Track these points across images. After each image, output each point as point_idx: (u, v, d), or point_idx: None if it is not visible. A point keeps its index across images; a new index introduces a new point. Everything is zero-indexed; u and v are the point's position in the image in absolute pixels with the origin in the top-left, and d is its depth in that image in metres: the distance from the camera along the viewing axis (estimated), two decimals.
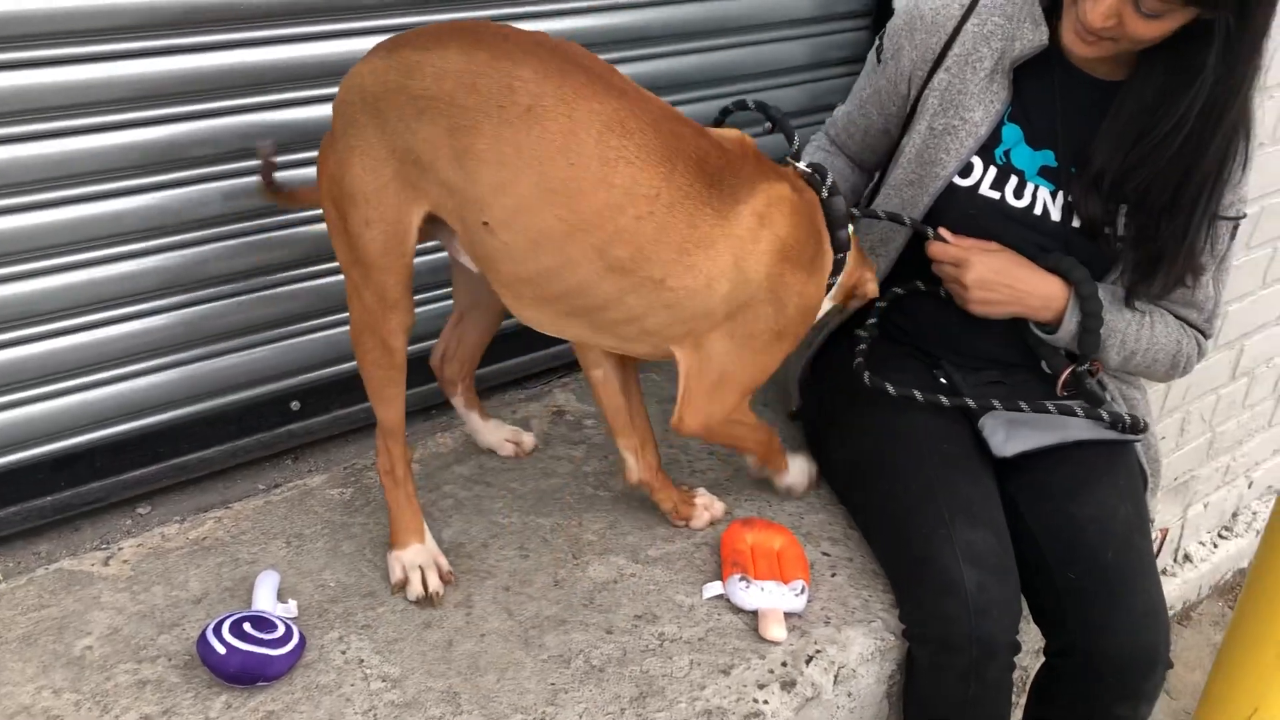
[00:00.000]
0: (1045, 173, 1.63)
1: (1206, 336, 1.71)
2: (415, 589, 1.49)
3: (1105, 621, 1.50)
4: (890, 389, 1.60)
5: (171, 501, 1.72)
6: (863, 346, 1.68)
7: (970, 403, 1.61)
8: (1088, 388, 1.63)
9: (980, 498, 1.55)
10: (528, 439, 1.84)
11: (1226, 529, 2.69)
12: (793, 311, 1.39)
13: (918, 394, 1.59)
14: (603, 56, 1.34)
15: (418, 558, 1.52)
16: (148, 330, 1.65)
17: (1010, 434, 1.61)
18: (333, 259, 1.74)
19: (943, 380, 1.71)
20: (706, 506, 1.68)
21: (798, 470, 1.74)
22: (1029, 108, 1.63)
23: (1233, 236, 1.63)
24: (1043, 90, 1.62)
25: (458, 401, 1.80)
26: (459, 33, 1.29)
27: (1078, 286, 1.59)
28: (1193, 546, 2.60)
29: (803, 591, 1.51)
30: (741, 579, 1.52)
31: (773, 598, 1.49)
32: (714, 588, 1.55)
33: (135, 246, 1.59)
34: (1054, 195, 1.62)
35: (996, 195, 1.64)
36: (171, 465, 1.74)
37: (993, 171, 1.65)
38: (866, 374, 1.63)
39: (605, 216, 1.26)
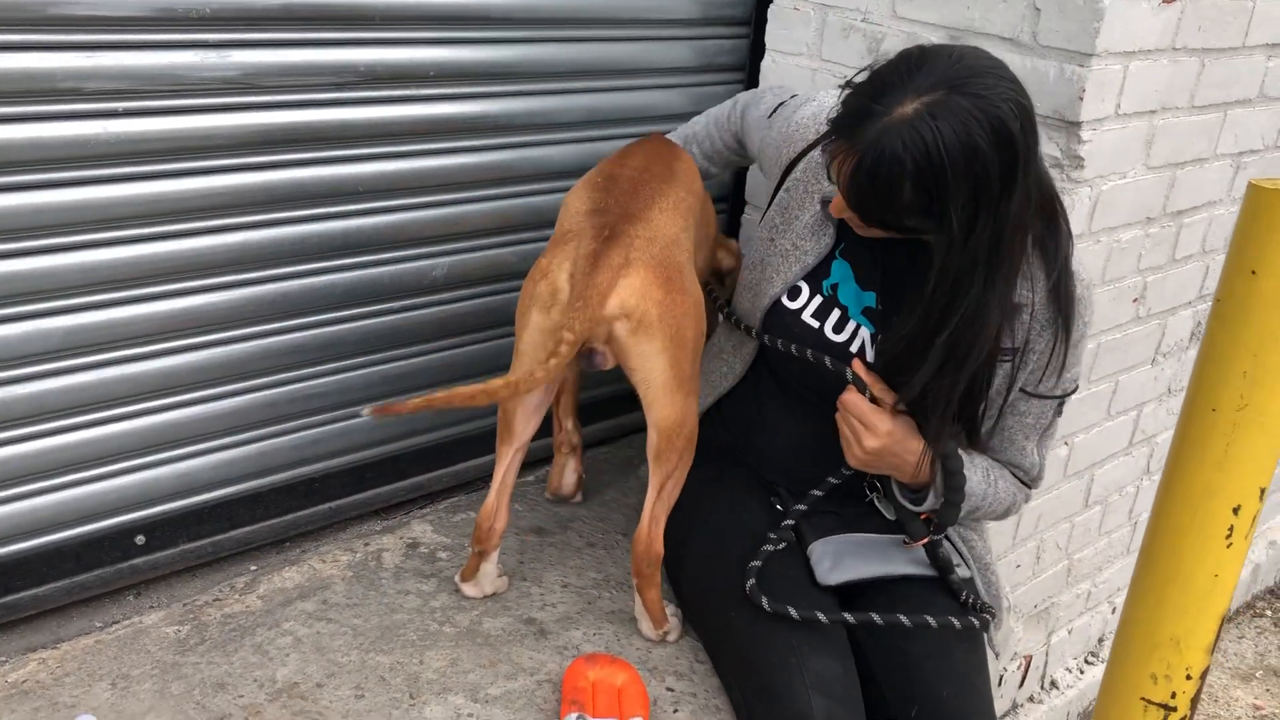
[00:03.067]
0: (868, 313, 1.68)
1: (1032, 488, 1.75)
2: None
3: None
4: (792, 613, 1.55)
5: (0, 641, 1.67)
6: (756, 563, 1.63)
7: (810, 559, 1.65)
8: (942, 555, 1.67)
9: (826, 625, 1.56)
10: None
11: (1093, 654, 2.73)
12: None
13: (792, 611, 1.55)
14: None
15: None
16: None
17: (836, 563, 1.64)
18: (179, 389, 1.75)
19: (779, 508, 1.75)
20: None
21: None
22: (856, 250, 1.70)
23: (1058, 413, 1.68)
24: (867, 239, 1.65)
25: (493, 559, 1.77)
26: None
27: (946, 462, 1.58)
28: (1059, 673, 2.63)
29: None
30: (578, 718, 1.50)
31: None
32: None
33: None
34: (874, 337, 1.67)
35: (816, 325, 1.69)
36: (1, 604, 1.69)
37: (818, 300, 1.70)
38: (765, 600, 1.57)
39: None
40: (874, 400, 1.58)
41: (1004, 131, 1.35)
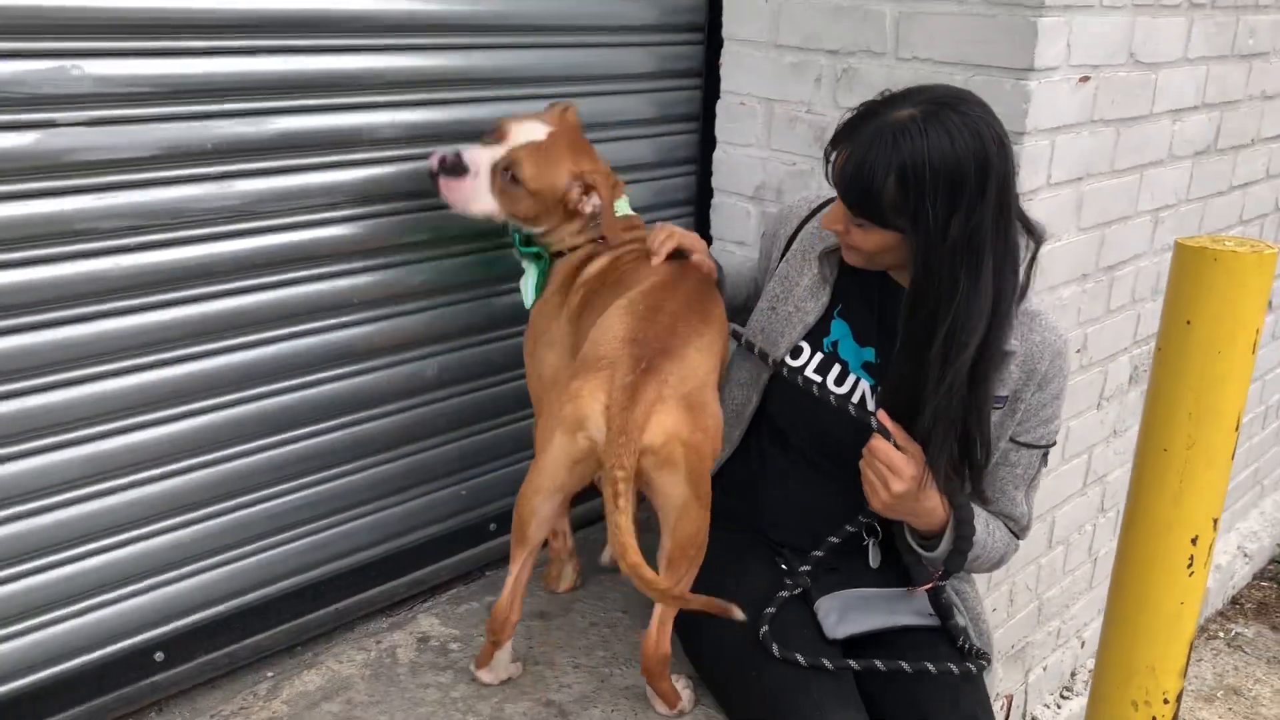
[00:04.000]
0: (868, 367, 1.82)
1: (1021, 538, 1.88)
2: None
3: None
4: (800, 660, 1.67)
5: None
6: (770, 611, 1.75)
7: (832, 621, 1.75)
8: (945, 601, 1.78)
9: (841, 679, 1.67)
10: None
11: (1067, 689, 2.86)
12: None
13: (800, 658, 1.67)
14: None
15: None
16: (6, 595, 1.66)
17: (842, 617, 1.75)
18: (188, 507, 1.81)
19: (784, 567, 1.85)
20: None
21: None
22: (854, 309, 1.84)
23: (1044, 462, 1.82)
24: (864, 296, 1.82)
25: (508, 646, 1.85)
26: None
27: (958, 511, 1.70)
28: (1038, 709, 2.75)
29: None
30: None
31: None
32: None
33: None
34: (873, 389, 1.80)
35: (819, 379, 1.81)
36: None
37: (819, 357, 1.83)
38: (775, 646, 1.70)
39: None
40: (898, 449, 1.68)
41: (981, 150, 1.54)
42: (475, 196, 1.89)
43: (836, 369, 1.82)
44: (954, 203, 1.55)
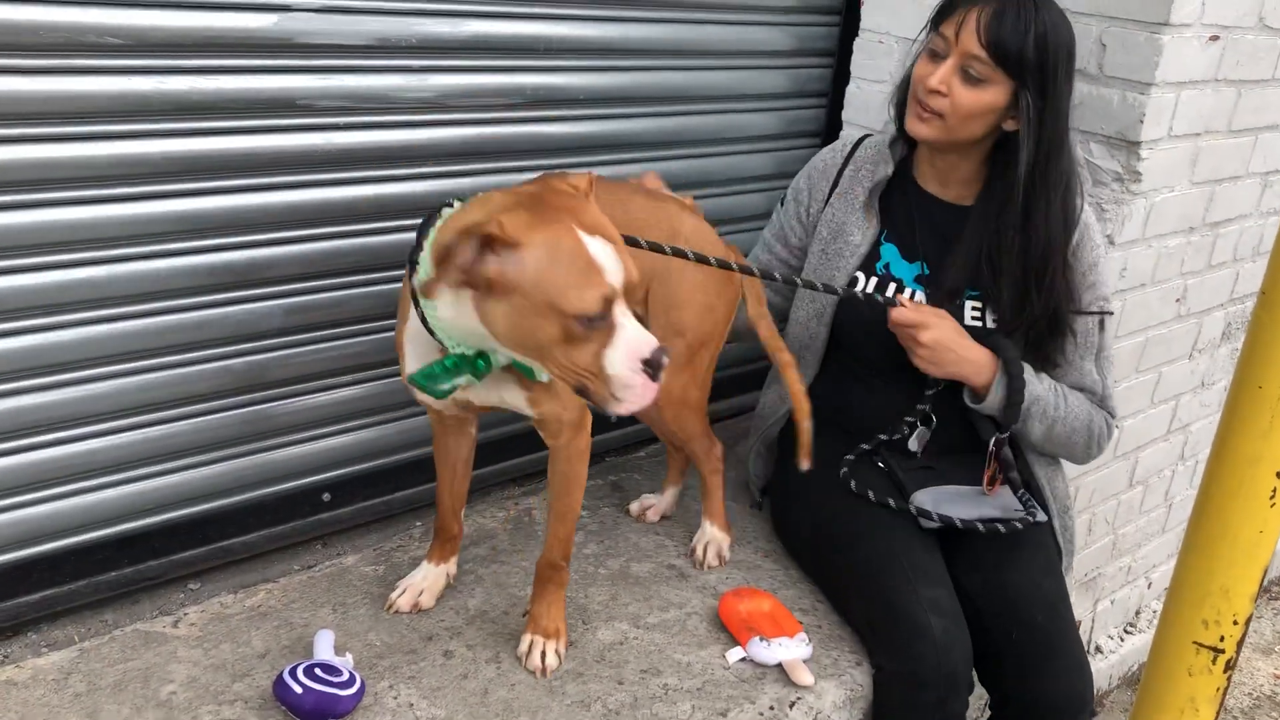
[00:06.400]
0: (920, 279, 2.02)
1: (1112, 415, 2.04)
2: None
3: (1041, 673, 1.80)
4: (871, 495, 1.94)
5: (217, 580, 1.93)
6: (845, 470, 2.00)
7: (913, 509, 1.93)
8: (1005, 457, 1.95)
9: (932, 562, 1.85)
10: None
11: (1131, 625, 3.01)
12: None
13: (891, 502, 1.92)
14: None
15: None
16: (207, 427, 1.90)
17: (935, 507, 1.92)
18: (355, 368, 2.02)
19: (880, 465, 2.03)
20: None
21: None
22: (899, 230, 2.05)
23: (1101, 329, 1.99)
24: (906, 215, 2.04)
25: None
26: None
27: (1007, 364, 1.92)
28: (1102, 639, 2.91)
29: (808, 641, 1.80)
30: (761, 640, 1.78)
31: (791, 650, 1.77)
32: (737, 652, 1.81)
33: (206, 353, 1.84)
34: (929, 298, 2.00)
35: (879, 299, 2.00)
36: (218, 547, 1.95)
37: (874, 281, 2.04)
38: (852, 481, 1.97)
39: None
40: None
41: (1073, 36, 1.87)
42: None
43: (892, 287, 2.02)
44: (1069, 72, 1.85)
